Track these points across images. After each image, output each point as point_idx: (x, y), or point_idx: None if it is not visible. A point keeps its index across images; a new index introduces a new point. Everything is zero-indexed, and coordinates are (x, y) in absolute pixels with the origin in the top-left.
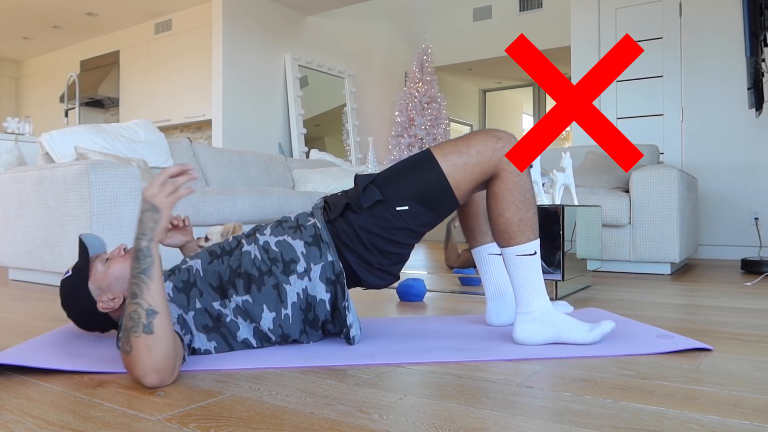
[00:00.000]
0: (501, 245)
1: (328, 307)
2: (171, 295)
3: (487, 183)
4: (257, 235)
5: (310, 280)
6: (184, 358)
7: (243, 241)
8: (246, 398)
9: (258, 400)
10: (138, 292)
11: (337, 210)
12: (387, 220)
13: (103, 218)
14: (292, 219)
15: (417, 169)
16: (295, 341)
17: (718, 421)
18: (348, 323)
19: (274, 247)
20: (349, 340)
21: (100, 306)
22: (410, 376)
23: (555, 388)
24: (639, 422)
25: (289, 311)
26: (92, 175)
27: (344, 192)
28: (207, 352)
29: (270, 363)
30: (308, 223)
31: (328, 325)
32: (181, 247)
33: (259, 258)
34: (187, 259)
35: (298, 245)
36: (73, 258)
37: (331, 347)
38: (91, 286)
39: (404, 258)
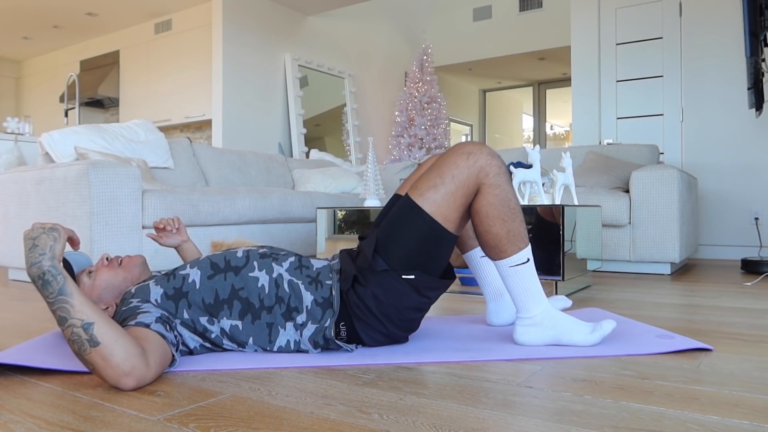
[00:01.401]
0: (493, 259)
1: (318, 350)
2: (159, 301)
3: None
4: (273, 264)
5: (301, 336)
6: (173, 356)
7: (255, 262)
8: (246, 398)
9: (258, 400)
10: (65, 315)
11: (347, 282)
12: (396, 288)
13: (103, 218)
14: (314, 269)
15: (405, 221)
16: None
17: (718, 421)
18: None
19: (285, 287)
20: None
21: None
22: (410, 376)
23: (555, 388)
24: (639, 422)
25: (275, 349)
26: (92, 175)
27: (355, 253)
28: (204, 347)
29: (270, 363)
30: (326, 282)
31: None
32: (178, 249)
33: (266, 291)
34: (187, 265)
35: (308, 298)
36: None
37: None
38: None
39: (417, 324)
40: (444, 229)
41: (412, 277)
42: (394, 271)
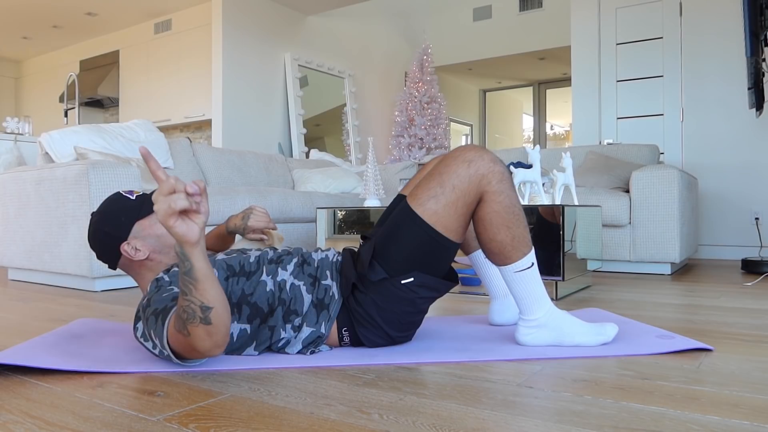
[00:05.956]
0: (497, 265)
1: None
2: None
3: None
4: (279, 268)
5: (295, 338)
6: None
7: (264, 267)
8: (246, 398)
9: (258, 400)
10: (187, 290)
11: (347, 288)
12: (395, 294)
13: None
14: (315, 264)
15: (403, 229)
16: None
17: (718, 422)
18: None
19: (287, 289)
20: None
21: (124, 246)
22: (410, 376)
23: (555, 388)
24: (639, 422)
25: (270, 346)
26: (92, 175)
27: (356, 255)
28: None
29: (270, 363)
30: (324, 282)
31: None
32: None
33: (272, 294)
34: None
35: (307, 300)
36: (74, 258)
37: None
38: (137, 225)
39: (418, 324)
40: (445, 238)
41: (411, 279)
42: (393, 277)
